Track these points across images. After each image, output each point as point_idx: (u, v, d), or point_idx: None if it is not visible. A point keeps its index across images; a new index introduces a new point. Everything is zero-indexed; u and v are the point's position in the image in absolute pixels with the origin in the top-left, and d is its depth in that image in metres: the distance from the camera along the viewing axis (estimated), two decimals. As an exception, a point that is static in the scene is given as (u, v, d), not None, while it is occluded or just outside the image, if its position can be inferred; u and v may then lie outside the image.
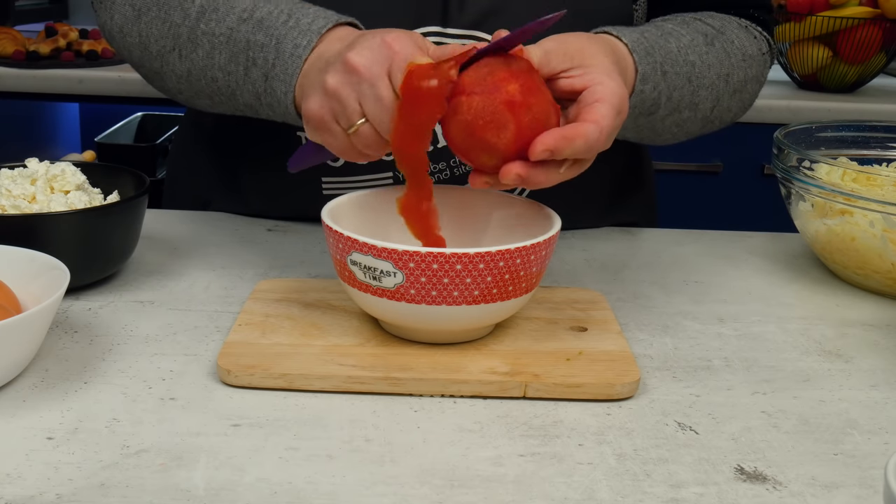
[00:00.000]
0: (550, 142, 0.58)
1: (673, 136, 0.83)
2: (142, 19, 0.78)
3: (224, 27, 0.73)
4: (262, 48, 0.70)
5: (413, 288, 0.60)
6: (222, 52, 0.73)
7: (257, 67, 0.71)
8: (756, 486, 0.52)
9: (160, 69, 0.79)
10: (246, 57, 0.71)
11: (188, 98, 0.80)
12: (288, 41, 0.69)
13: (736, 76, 0.82)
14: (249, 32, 0.71)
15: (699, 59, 0.78)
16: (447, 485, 0.51)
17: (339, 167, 0.84)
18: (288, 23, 0.70)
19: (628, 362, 0.63)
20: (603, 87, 0.61)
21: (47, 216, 0.69)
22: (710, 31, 0.81)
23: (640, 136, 0.81)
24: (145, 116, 2.22)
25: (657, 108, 0.76)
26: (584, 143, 0.59)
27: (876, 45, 1.82)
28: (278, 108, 0.71)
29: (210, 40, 0.73)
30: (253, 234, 0.88)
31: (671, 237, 0.94)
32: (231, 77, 0.73)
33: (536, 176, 0.60)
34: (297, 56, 0.68)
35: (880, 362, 0.68)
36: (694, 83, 0.77)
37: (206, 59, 0.74)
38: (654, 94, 0.74)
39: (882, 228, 0.79)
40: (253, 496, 0.49)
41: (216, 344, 0.66)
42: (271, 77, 0.70)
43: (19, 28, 2.03)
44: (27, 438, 0.53)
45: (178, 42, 0.75)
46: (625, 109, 0.63)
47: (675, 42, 0.77)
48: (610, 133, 0.61)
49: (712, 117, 0.83)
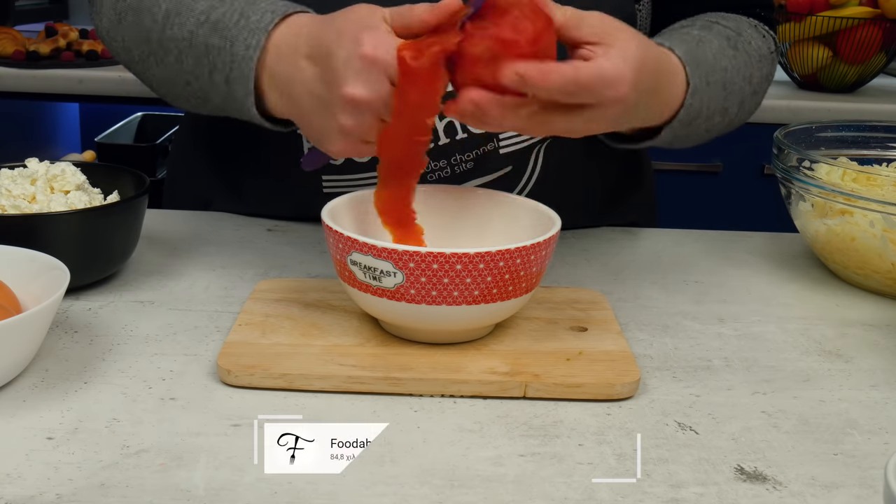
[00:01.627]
0: (522, 67, 0.57)
1: (699, 139, 0.82)
2: (122, 24, 0.78)
3: (185, 31, 0.72)
4: (219, 52, 0.70)
5: (413, 288, 0.60)
6: (188, 57, 0.72)
7: (218, 71, 0.70)
8: (756, 486, 0.52)
9: (143, 73, 0.80)
10: (207, 61, 0.71)
11: (173, 100, 0.81)
12: (240, 42, 0.68)
13: (755, 77, 0.82)
14: (206, 36, 0.71)
15: (730, 65, 0.77)
16: (447, 485, 0.51)
17: (340, 165, 0.84)
18: (239, 23, 0.69)
19: (628, 362, 0.63)
20: (606, 59, 0.60)
21: (47, 216, 0.69)
22: (731, 34, 0.81)
23: (672, 143, 0.79)
24: (145, 116, 2.22)
25: (698, 118, 0.75)
26: (558, 81, 0.57)
27: (876, 45, 1.81)
28: (243, 111, 0.71)
29: (177, 45, 0.73)
30: (253, 234, 0.88)
31: (671, 237, 0.94)
32: (200, 81, 0.73)
33: (491, 107, 0.58)
34: (248, 58, 0.68)
35: (880, 362, 0.68)
36: (727, 89, 0.77)
37: (176, 65, 0.74)
38: (699, 106, 0.74)
39: (882, 228, 0.79)
40: (253, 496, 0.49)
41: (216, 344, 0.66)
42: (230, 80, 0.70)
43: (19, 28, 2.03)
44: (27, 438, 0.53)
45: (150, 48, 0.76)
46: (619, 88, 0.60)
47: (709, 50, 0.76)
48: (585, 86, 0.58)
49: (736, 120, 0.82)
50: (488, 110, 0.59)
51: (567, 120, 0.61)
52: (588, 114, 0.61)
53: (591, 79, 0.59)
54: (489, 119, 0.59)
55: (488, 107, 0.58)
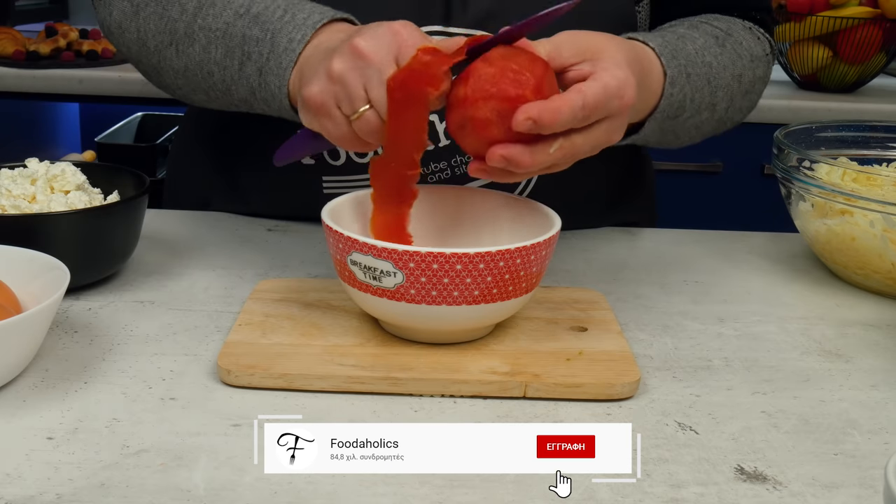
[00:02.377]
0: (534, 111, 0.57)
1: (690, 138, 0.83)
2: (140, 15, 0.78)
3: (221, 22, 0.73)
4: (257, 42, 0.70)
5: (413, 288, 0.60)
6: (218, 46, 0.73)
7: (252, 62, 0.71)
8: (756, 486, 0.52)
9: (157, 64, 0.79)
10: (241, 51, 0.71)
11: (185, 94, 0.81)
12: (283, 35, 0.69)
13: (747, 76, 0.82)
14: (245, 27, 0.71)
15: (715, 61, 0.78)
16: (447, 485, 0.51)
17: (340, 166, 0.84)
18: (283, 18, 0.70)
19: (628, 362, 0.63)
20: (604, 71, 0.60)
21: (47, 216, 0.69)
22: (720, 33, 0.82)
23: (662, 141, 0.80)
24: (145, 116, 2.22)
25: (682, 111, 0.76)
26: (569, 113, 0.57)
27: (876, 45, 1.81)
28: (273, 102, 0.71)
29: (206, 35, 0.73)
30: (253, 234, 0.88)
31: (671, 237, 0.94)
32: (227, 72, 0.73)
33: (521, 156, 0.59)
34: (291, 50, 0.68)
35: (880, 362, 0.68)
36: (712, 84, 0.78)
37: (202, 55, 0.74)
38: (681, 97, 0.74)
39: (882, 228, 0.79)
40: (253, 496, 0.49)
41: (216, 344, 0.66)
42: (265, 71, 0.70)
43: (19, 28, 2.02)
44: (27, 438, 0.53)
45: (174, 37, 0.76)
46: (625, 95, 0.61)
47: (691, 45, 0.77)
48: (595, 106, 0.59)
49: (726, 118, 0.83)
50: (520, 161, 0.59)
51: (589, 138, 0.61)
52: (605, 126, 0.61)
53: (599, 97, 0.59)
54: (521, 168, 0.59)
55: (519, 157, 0.59)
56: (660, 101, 0.73)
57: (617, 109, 0.61)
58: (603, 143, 0.62)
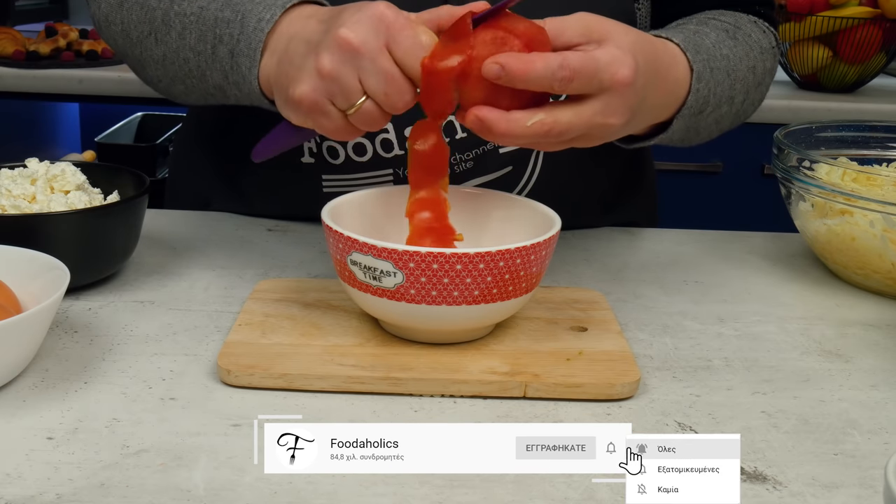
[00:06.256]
0: (503, 57, 0.57)
1: (709, 134, 0.82)
2: (124, 6, 0.79)
3: (195, 6, 0.73)
4: (227, 24, 0.70)
5: (413, 288, 0.60)
6: (192, 31, 0.73)
7: (223, 44, 0.70)
8: (756, 486, 0.52)
9: (140, 56, 0.79)
10: (213, 34, 0.71)
11: (166, 86, 0.80)
12: (252, 16, 0.69)
13: (759, 68, 0.82)
14: (217, 10, 0.71)
15: (731, 53, 0.78)
16: (447, 485, 0.51)
17: (340, 164, 0.84)
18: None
19: (628, 362, 0.63)
20: (599, 48, 0.59)
21: (47, 216, 0.69)
22: (729, 27, 0.82)
23: (685, 139, 0.79)
24: (145, 116, 2.22)
25: (707, 106, 0.75)
26: (543, 68, 0.56)
27: (876, 45, 1.82)
28: (244, 85, 0.70)
29: (181, 21, 0.73)
30: (253, 234, 0.88)
31: (671, 237, 0.94)
32: (200, 57, 0.73)
33: (497, 122, 0.58)
34: (259, 30, 0.68)
35: (880, 362, 0.68)
36: (731, 77, 0.78)
37: (178, 41, 0.74)
38: (706, 92, 0.74)
39: (882, 228, 0.79)
40: (253, 496, 0.49)
41: (216, 344, 0.66)
42: (236, 53, 0.69)
43: (19, 28, 2.03)
44: (27, 438, 0.53)
45: (153, 26, 0.76)
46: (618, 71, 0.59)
47: (707, 39, 0.77)
48: (577, 71, 0.57)
49: (742, 111, 0.83)
50: (494, 126, 0.58)
51: (578, 116, 0.59)
52: (597, 105, 0.60)
53: (584, 63, 0.58)
54: (495, 133, 0.59)
55: (494, 122, 0.58)
56: (687, 96, 0.72)
57: (609, 84, 0.59)
58: (597, 125, 0.60)
